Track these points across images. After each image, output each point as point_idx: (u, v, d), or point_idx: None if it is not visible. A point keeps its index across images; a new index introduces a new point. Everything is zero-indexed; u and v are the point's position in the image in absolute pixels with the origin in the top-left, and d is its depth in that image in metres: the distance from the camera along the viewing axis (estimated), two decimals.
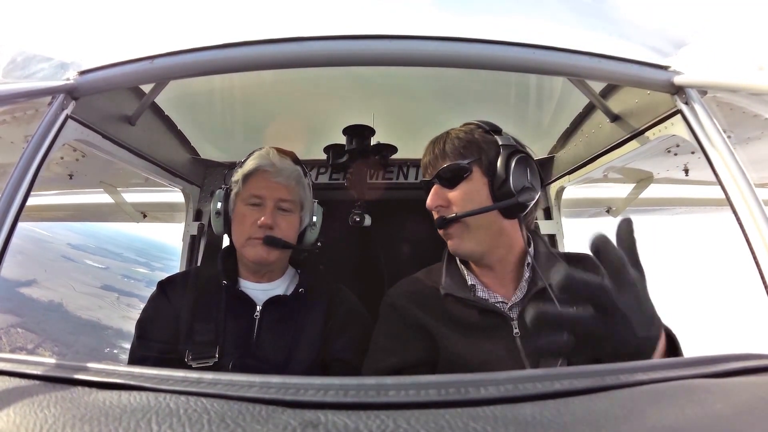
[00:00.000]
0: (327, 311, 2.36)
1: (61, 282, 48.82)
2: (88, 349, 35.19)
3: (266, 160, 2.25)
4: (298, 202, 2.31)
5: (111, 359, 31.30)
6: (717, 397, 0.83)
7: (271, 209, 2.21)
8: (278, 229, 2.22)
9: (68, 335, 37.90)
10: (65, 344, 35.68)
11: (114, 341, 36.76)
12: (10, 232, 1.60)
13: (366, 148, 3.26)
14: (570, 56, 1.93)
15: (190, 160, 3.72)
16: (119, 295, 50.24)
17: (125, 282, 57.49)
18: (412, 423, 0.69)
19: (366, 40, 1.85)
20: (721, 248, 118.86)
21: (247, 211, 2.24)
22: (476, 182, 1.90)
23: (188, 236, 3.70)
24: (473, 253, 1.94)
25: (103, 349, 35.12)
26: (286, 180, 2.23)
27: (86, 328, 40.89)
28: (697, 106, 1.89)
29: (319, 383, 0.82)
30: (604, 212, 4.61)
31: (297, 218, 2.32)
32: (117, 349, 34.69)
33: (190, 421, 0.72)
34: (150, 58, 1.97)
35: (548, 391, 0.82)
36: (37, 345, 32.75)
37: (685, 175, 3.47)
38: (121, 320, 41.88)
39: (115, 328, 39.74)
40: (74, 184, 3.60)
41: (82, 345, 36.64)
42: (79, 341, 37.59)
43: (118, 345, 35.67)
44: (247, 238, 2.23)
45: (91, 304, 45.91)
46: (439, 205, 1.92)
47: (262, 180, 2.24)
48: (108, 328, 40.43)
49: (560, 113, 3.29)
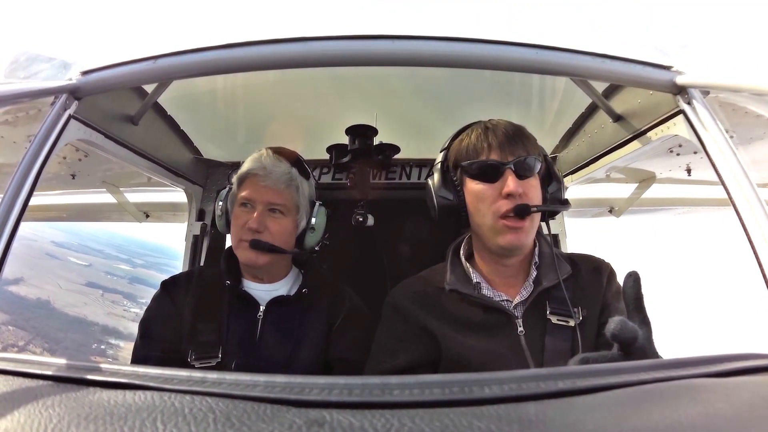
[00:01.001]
0: (330, 312, 2.37)
1: (47, 280, 48.81)
2: (76, 345, 35.31)
3: (258, 164, 2.25)
4: (291, 205, 2.29)
5: (98, 355, 31.48)
6: (718, 396, 0.84)
7: (259, 212, 2.21)
8: (267, 232, 2.21)
9: (57, 332, 37.94)
10: (54, 341, 35.76)
11: (101, 337, 36.88)
12: (13, 232, 1.61)
13: (369, 148, 3.26)
14: (573, 56, 1.93)
15: (193, 160, 3.73)
16: (103, 292, 50.22)
17: (108, 279, 57.39)
18: (417, 422, 0.69)
19: (369, 41, 1.85)
20: (723, 248, 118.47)
21: (240, 213, 2.25)
22: (537, 180, 1.90)
23: (191, 236, 3.71)
24: (526, 246, 1.92)
25: (91, 345, 35.21)
26: (275, 183, 2.22)
27: (74, 324, 40.93)
28: (699, 107, 1.89)
29: (324, 383, 0.83)
30: (606, 212, 4.61)
31: (289, 221, 2.30)
32: (104, 345, 34.84)
33: (196, 420, 0.72)
34: (153, 58, 1.97)
35: (552, 390, 0.82)
36: (28, 342, 32.85)
37: (688, 175, 3.47)
38: (106, 317, 42.02)
39: (101, 325, 39.85)
40: (77, 184, 3.60)
41: (70, 341, 36.79)
42: (68, 338, 37.68)
43: (105, 341, 35.84)
44: (238, 240, 2.24)
45: (77, 301, 45.96)
46: (521, 192, 1.83)
47: (252, 184, 2.25)
48: (94, 325, 40.54)
49: (563, 113, 3.29)
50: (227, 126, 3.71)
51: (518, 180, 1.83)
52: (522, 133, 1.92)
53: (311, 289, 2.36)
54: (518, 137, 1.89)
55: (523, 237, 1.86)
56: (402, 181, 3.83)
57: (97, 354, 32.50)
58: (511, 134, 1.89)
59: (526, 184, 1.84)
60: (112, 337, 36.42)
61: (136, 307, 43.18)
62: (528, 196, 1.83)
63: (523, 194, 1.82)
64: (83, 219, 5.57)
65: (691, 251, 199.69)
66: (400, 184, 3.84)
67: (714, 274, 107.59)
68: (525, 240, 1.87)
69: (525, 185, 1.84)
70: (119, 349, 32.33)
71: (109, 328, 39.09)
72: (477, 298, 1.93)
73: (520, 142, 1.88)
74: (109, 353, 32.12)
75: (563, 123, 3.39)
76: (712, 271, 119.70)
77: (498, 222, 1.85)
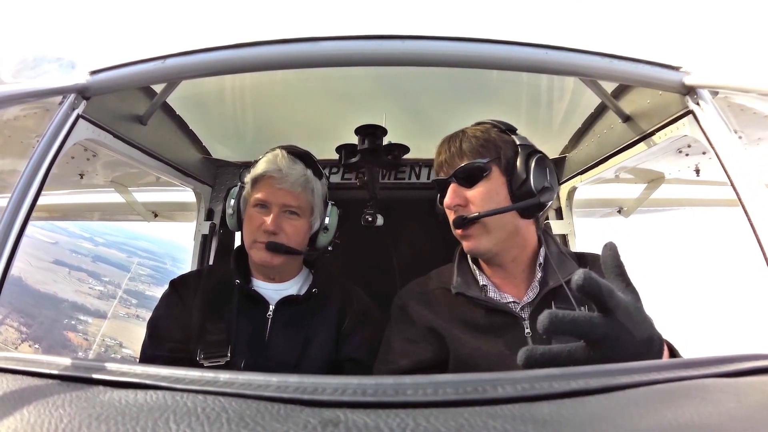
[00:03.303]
0: (340, 311, 2.37)
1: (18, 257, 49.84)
2: (50, 321, 35.65)
3: (273, 165, 2.24)
4: (306, 206, 2.30)
5: (70, 330, 31.83)
6: (730, 396, 0.84)
7: (275, 214, 2.21)
8: (283, 234, 2.22)
9: (32, 308, 38.24)
10: (30, 316, 36.07)
11: (71, 313, 37.21)
12: (21, 232, 1.61)
13: (378, 147, 3.26)
14: (582, 56, 1.93)
15: (202, 159, 3.73)
16: (70, 269, 50.49)
17: (74, 256, 57.77)
18: (432, 421, 0.69)
19: (378, 40, 1.85)
20: (732, 249, 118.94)
21: (254, 214, 2.25)
22: (495, 181, 1.90)
23: (199, 236, 3.70)
24: (489, 252, 1.93)
25: (62, 320, 35.53)
26: (292, 186, 2.22)
27: (46, 301, 41.31)
28: (708, 107, 1.89)
29: (337, 383, 0.82)
30: (615, 212, 4.61)
31: (304, 223, 2.31)
32: (74, 321, 35.30)
33: (209, 420, 0.72)
34: (162, 57, 1.97)
35: (564, 390, 0.82)
36: (5, 317, 33.26)
37: (696, 176, 3.46)
38: (74, 294, 42.39)
39: (70, 301, 40.17)
40: (85, 183, 3.61)
41: (45, 317, 37.16)
42: (42, 314, 37.99)
43: (75, 317, 36.24)
44: (253, 240, 2.24)
45: (47, 278, 46.36)
46: (457, 204, 1.90)
47: (268, 186, 2.24)
48: (64, 301, 40.89)
49: (572, 113, 3.28)
50: (236, 126, 3.71)
51: (463, 189, 1.91)
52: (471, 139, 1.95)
53: (321, 288, 2.37)
54: (463, 147, 1.94)
55: (474, 244, 1.92)
56: (411, 181, 3.83)
57: (69, 329, 33.06)
58: (455, 146, 1.96)
59: (472, 192, 1.90)
60: (80, 313, 36.90)
61: (100, 285, 43.58)
62: (473, 203, 1.90)
63: (467, 203, 1.90)
64: (93, 218, 5.57)
65: (702, 251, 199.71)
66: (410, 184, 3.83)
67: (723, 274, 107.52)
68: (478, 246, 1.92)
69: (470, 194, 1.90)
70: (88, 324, 32.98)
71: (77, 305, 39.53)
72: (483, 300, 1.93)
73: (463, 152, 1.93)
74: (79, 329, 32.70)
75: (572, 123, 3.38)
76: (722, 271, 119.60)
77: (455, 232, 1.96)
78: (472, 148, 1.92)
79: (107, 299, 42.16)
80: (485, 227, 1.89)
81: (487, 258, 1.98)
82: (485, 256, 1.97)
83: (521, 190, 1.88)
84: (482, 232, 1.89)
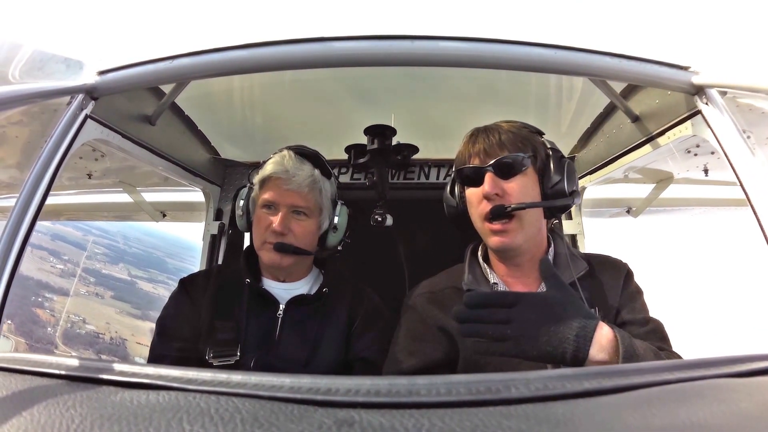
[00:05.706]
0: (350, 311, 2.37)
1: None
2: (19, 298, 36.09)
3: (280, 167, 2.23)
4: (314, 207, 2.29)
5: (37, 307, 32.28)
6: (742, 396, 0.84)
7: (283, 215, 2.21)
8: (291, 234, 2.22)
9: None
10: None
11: (37, 291, 37.55)
12: (29, 232, 1.62)
13: (387, 148, 3.25)
14: (591, 56, 1.93)
15: (211, 159, 3.74)
16: (32, 248, 50.95)
17: (35, 235, 58.63)
18: (447, 421, 0.69)
19: (388, 41, 1.85)
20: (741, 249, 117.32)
21: (263, 215, 2.25)
22: (530, 178, 1.89)
23: (209, 235, 3.71)
24: (520, 248, 1.91)
25: (30, 298, 35.88)
26: (299, 187, 2.21)
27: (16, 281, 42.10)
28: (717, 107, 1.90)
29: (350, 383, 0.83)
30: (624, 212, 4.60)
31: (313, 223, 2.30)
32: (41, 298, 35.91)
33: (223, 420, 0.72)
34: (170, 58, 1.98)
35: (578, 390, 0.82)
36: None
37: (705, 176, 3.46)
38: (37, 272, 42.76)
39: (35, 279, 40.48)
40: (93, 183, 3.62)
41: (14, 295, 37.81)
42: (12, 292, 38.60)
43: (41, 294, 36.75)
44: (262, 241, 2.24)
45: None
46: (496, 193, 1.85)
47: (275, 187, 2.24)
48: (29, 279, 41.25)
49: (581, 113, 3.28)
50: (245, 126, 3.71)
51: (500, 180, 1.85)
52: (509, 133, 1.93)
53: (331, 288, 2.36)
54: (502, 138, 1.91)
55: (509, 239, 1.87)
56: (420, 181, 3.83)
57: (36, 306, 33.63)
58: (494, 137, 1.92)
59: (509, 184, 1.86)
60: (44, 290, 37.29)
61: (61, 264, 43.91)
62: (510, 195, 1.85)
63: (504, 195, 1.85)
64: (102, 218, 5.58)
65: (710, 251, 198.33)
66: (419, 184, 3.84)
67: (734, 274, 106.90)
68: (512, 241, 1.88)
69: (508, 185, 1.85)
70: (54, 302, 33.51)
71: (42, 282, 39.89)
72: None
73: (504, 144, 1.89)
74: (45, 306, 33.21)
75: (581, 123, 3.37)
76: (732, 271, 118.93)
77: (484, 225, 1.89)
78: (512, 142, 1.90)
79: (68, 277, 42.44)
80: (521, 222, 1.86)
81: (512, 255, 1.96)
82: (515, 252, 1.94)
83: (553, 190, 1.89)
84: (518, 227, 1.86)
